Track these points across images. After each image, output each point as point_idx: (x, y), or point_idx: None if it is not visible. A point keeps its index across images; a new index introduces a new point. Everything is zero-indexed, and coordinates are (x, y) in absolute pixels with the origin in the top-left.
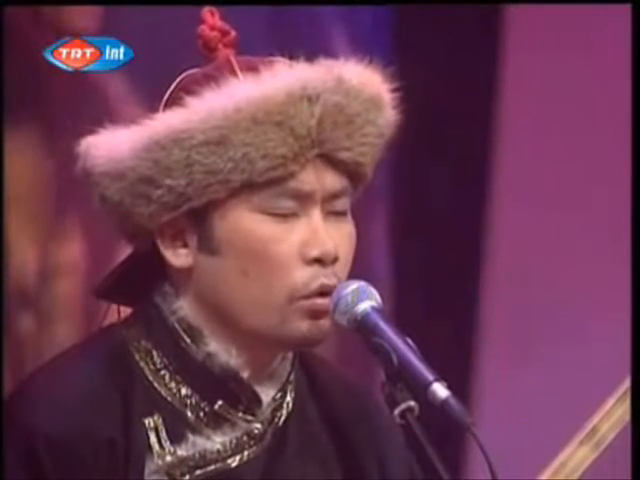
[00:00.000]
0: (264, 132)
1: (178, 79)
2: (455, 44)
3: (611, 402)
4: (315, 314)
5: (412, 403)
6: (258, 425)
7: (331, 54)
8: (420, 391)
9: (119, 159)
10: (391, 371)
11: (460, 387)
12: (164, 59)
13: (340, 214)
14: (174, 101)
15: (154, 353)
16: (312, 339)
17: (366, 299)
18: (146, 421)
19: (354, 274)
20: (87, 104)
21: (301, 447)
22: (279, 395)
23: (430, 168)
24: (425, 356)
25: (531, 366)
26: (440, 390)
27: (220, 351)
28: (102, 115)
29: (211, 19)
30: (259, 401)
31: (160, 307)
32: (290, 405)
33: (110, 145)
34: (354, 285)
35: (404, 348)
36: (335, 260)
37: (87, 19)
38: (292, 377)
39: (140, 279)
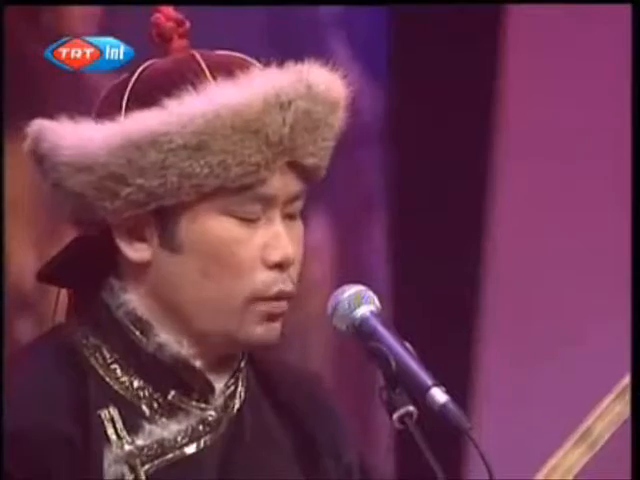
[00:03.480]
0: (241, 140)
1: (139, 72)
2: (454, 46)
3: (605, 402)
4: (271, 317)
5: (411, 408)
6: (212, 412)
7: (329, 58)
8: (419, 396)
9: (88, 154)
10: (390, 376)
11: (460, 391)
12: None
13: (295, 216)
14: (145, 98)
15: (103, 348)
16: (267, 341)
17: (365, 304)
18: (102, 413)
19: (353, 279)
20: (86, 105)
21: (256, 434)
22: (231, 382)
23: (429, 171)
24: (425, 361)
25: (532, 369)
26: (439, 395)
27: (171, 342)
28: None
29: (165, 9)
30: (212, 389)
31: (107, 302)
32: (243, 394)
33: (79, 137)
34: (353, 290)
35: (403, 353)
36: (292, 264)
37: (85, 23)
38: (243, 364)
39: (86, 264)
